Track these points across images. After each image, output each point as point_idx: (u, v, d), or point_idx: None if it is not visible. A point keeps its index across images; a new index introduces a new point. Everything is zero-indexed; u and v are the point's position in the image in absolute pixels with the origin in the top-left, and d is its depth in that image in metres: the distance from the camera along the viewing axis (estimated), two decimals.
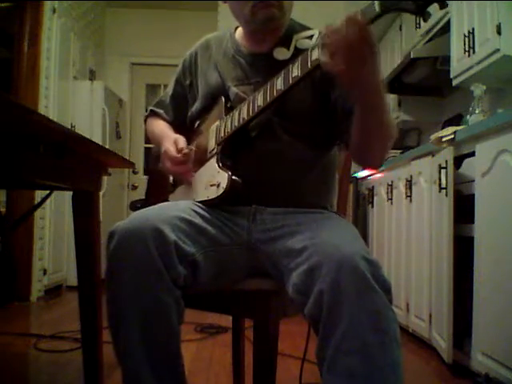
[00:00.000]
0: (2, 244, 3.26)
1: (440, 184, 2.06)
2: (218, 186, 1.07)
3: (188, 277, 0.95)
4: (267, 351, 1.02)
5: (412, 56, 3.03)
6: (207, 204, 1.09)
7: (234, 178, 1.06)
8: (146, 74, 5.26)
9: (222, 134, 1.13)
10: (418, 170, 2.44)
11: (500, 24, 2.20)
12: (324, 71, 0.88)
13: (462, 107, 3.04)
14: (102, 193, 3.13)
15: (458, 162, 2.05)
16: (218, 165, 1.10)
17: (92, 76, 4.59)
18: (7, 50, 3.78)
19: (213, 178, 1.10)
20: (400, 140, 4.20)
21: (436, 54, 3.04)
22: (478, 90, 2.42)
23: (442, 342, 2.01)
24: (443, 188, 2.02)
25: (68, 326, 2.47)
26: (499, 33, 2.21)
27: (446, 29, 2.83)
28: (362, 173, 3.37)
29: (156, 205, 1.04)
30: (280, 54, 1.14)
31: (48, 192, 1.79)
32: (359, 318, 0.81)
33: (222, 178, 1.07)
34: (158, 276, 0.91)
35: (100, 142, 3.78)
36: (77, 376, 1.71)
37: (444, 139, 2.08)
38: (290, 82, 0.98)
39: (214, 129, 1.17)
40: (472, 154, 1.91)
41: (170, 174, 1.31)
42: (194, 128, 1.27)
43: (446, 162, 2.01)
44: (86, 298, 1.54)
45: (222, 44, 1.25)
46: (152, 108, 1.40)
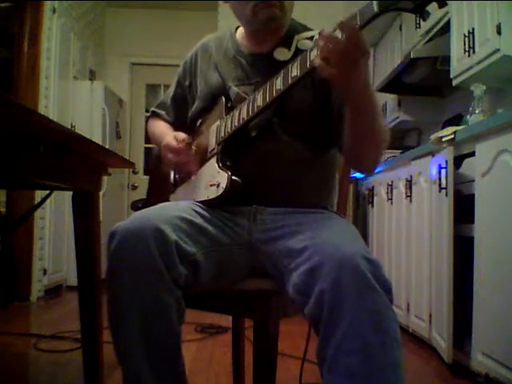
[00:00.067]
0: (2, 244, 3.26)
1: (440, 184, 2.06)
2: (218, 185, 1.07)
3: (189, 277, 0.95)
4: (267, 351, 1.02)
5: (412, 56, 3.03)
6: (207, 204, 1.09)
7: (233, 178, 1.06)
8: (146, 74, 5.26)
9: (223, 134, 1.13)
10: (418, 170, 2.44)
11: (500, 24, 2.20)
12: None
13: (462, 107, 3.04)
14: (101, 193, 3.13)
15: (458, 162, 2.05)
16: (218, 165, 1.10)
17: (92, 76, 4.59)
18: (7, 50, 3.77)
19: (213, 178, 1.10)
20: (400, 140, 4.20)
21: (436, 54, 3.04)
22: (477, 89, 2.42)
23: (442, 342, 2.01)
24: (443, 188, 2.02)
25: (68, 325, 2.47)
26: (499, 33, 2.21)
27: (446, 29, 2.82)
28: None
29: (157, 205, 1.04)
30: (281, 54, 1.14)
31: (48, 192, 1.79)
32: (360, 318, 0.81)
33: (222, 178, 1.07)
34: (158, 276, 0.90)
35: (100, 142, 3.78)
36: (77, 376, 1.71)
37: (444, 139, 2.08)
38: (290, 81, 0.98)
39: (215, 129, 1.17)
40: (472, 154, 1.91)
41: (172, 167, 1.31)
42: (195, 128, 1.27)
43: (446, 162, 2.01)
44: (86, 298, 1.54)
45: (222, 44, 1.26)
46: (153, 109, 1.42)
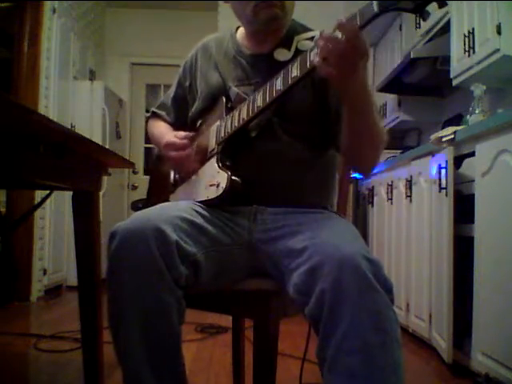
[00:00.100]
0: (2, 244, 3.26)
1: (440, 184, 2.06)
2: (218, 186, 1.07)
3: (189, 277, 0.95)
4: (267, 351, 1.02)
5: (412, 56, 3.03)
6: (207, 204, 1.09)
7: (233, 178, 1.06)
8: (146, 74, 5.26)
9: (223, 134, 1.13)
10: (418, 170, 2.44)
11: (500, 24, 2.20)
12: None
13: (462, 107, 3.04)
14: (101, 193, 3.13)
15: (458, 162, 2.05)
16: (218, 165, 1.10)
17: (92, 76, 4.59)
18: (7, 50, 3.77)
19: (213, 178, 1.10)
20: (400, 140, 4.20)
21: (436, 54, 3.04)
22: (477, 90, 2.42)
23: (442, 342, 2.01)
24: (443, 188, 2.02)
25: (68, 325, 2.47)
26: (499, 33, 2.21)
27: (446, 29, 2.82)
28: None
29: (157, 205, 1.04)
30: (281, 54, 1.14)
31: (48, 192, 1.79)
32: (360, 318, 0.81)
33: (222, 178, 1.07)
34: (159, 276, 0.90)
35: (100, 142, 3.78)
36: (77, 376, 1.71)
37: (444, 139, 2.08)
38: (290, 82, 0.98)
39: (215, 129, 1.17)
40: (472, 154, 1.91)
41: (174, 166, 1.31)
42: (195, 128, 1.27)
43: (446, 162, 2.01)
44: (86, 298, 1.54)
45: (222, 45, 1.26)
46: (154, 110, 1.41)
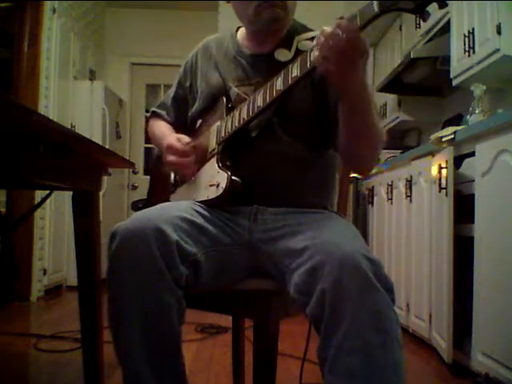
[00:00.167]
0: (2, 244, 3.26)
1: (440, 184, 2.06)
2: (218, 186, 1.07)
3: (189, 277, 0.95)
4: (267, 351, 1.02)
5: (412, 56, 3.03)
6: (207, 204, 1.09)
7: (233, 178, 1.06)
8: (146, 74, 5.26)
9: (223, 134, 1.13)
10: (418, 170, 2.44)
11: (500, 24, 2.20)
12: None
13: (462, 107, 3.04)
14: (101, 193, 3.13)
15: (458, 162, 2.05)
16: (218, 165, 1.10)
17: (92, 76, 4.59)
18: (7, 50, 3.77)
19: (213, 178, 1.10)
20: (400, 140, 4.20)
21: (436, 54, 3.04)
22: (477, 90, 2.42)
23: (442, 342, 2.01)
24: (443, 188, 2.02)
25: (68, 325, 2.47)
26: (499, 33, 2.21)
27: (446, 29, 2.83)
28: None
29: (157, 205, 1.04)
30: (281, 55, 1.14)
31: (48, 192, 1.79)
32: (361, 318, 0.81)
33: (222, 178, 1.07)
34: (159, 276, 0.91)
35: (100, 142, 3.78)
36: (77, 376, 1.71)
37: (444, 139, 2.08)
38: (290, 82, 0.98)
39: (215, 129, 1.17)
40: (472, 154, 1.91)
41: (173, 169, 1.31)
42: (196, 128, 1.27)
43: (446, 161, 2.01)
44: (86, 298, 1.54)
45: (222, 45, 1.26)
46: (154, 109, 1.41)
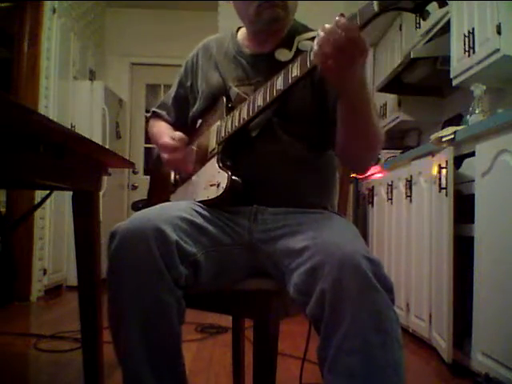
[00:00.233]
0: (2, 244, 3.26)
1: (440, 184, 2.06)
2: (218, 185, 1.07)
3: (189, 277, 0.95)
4: (267, 351, 1.02)
5: (412, 56, 3.03)
6: (207, 204, 1.09)
7: (233, 178, 1.06)
8: (146, 74, 5.26)
9: (223, 134, 1.13)
10: (418, 170, 2.44)
11: (500, 24, 2.20)
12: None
13: (462, 107, 3.04)
14: (101, 193, 3.13)
15: (458, 162, 2.05)
16: (219, 165, 1.10)
17: (92, 76, 4.59)
18: (7, 49, 3.77)
19: (213, 178, 1.10)
20: (400, 140, 4.20)
21: (436, 54, 3.04)
22: (477, 90, 2.42)
23: (442, 342, 2.01)
24: (443, 188, 2.02)
25: (68, 325, 2.47)
26: (499, 33, 2.21)
27: (446, 29, 2.82)
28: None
29: (157, 205, 1.04)
30: (282, 55, 1.14)
31: (48, 192, 1.79)
32: (361, 318, 0.81)
33: (222, 177, 1.07)
34: (159, 276, 0.91)
35: (100, 142, 3.78)
36: (77, 376, 1.71)
37: (444, 139, 2.08)
38: (290, 81, 0.98)
39: (215, 129, 1.17)
40: (472, 154, 1.91)
41: (172, 168, 1.31)
42: (196, 128, 1.27)
43: (446, 162, 2.01)
44: (86, 298, 1.54)
45: (223, 45, 1.26)
46: (154, 109, 1.41)
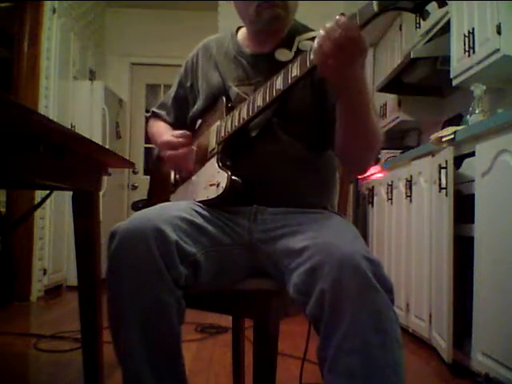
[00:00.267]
0: (2, 244, 3.26)
1: (440, 184, 2.06)
2: (218, 185, 1.07)
3: (189, 277, 0.95)
4: (267, 351, 1.02)
5: (412, 56, 3.03)
6: (207, 204, 1.09)
7: (233, 178, 1.06)
8: (146, 74, 5.26)
9: (223, 134, 1.13)
10: (418, 170, 2.44)
11: (500, 24, 2.20)
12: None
13: (462, 107, 3.04)
14: (101, 193, 3.13)
15: (458, 162, 2.05)
16: (218, 165, 1.10)
17: (92, 76, 4.59)
18: (7, 49, 3.77)
19: (213, 178, 1.10)
20: (400, 140, 4.21)
21: (436, 54, 3.04)
22: (477, 90, 2.42)
23: (442, 342, 2.01)
24: (443, 188, 2.02)
25: (68, 325, 2.47)
26: (499, 33, 2.21)
27: (446, 29, 2.82)
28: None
29: (157, 205, 1.04)
30: (282, 55, 1.14)
31: (48, 192, 1.79)
32: (360, 318, 0.81)
33: (222, 177, 1.07)
34: (159, 276, 0.91)
35: (100, 142, 3.78)
36: (77, 376, 1.71)
37: (444, 139, 2.08)
38: (289, 81, 0.98)
39: (215, 129, 1.17)
40: (472, 154, 1.91)
41: (172, 166, 1.31)
42: (196, 128, 1.27)
43: (446, 162, 2.01)
44: (86, 298, 1.54)
45: (223, 45, 1.26)
46: (154, 110, 1.41)
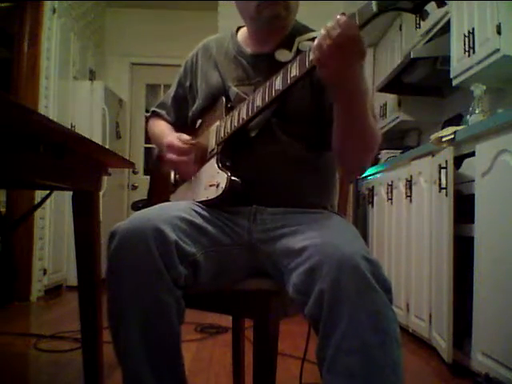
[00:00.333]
0: (2, 244, 3.26)
1: (440, 184, 2.06)
2: (218, 186, 1.07)
3: (189, 277, 0.95)
4: (267, 351, 1.02)
5: (412, 56, 3.03)
6: (207, 204, 1.09)
7: (233, 178, 1.06)
8: (146, 74, 5.26)
9: (222, 135, 1.13)
10: (418, 170, 2.44)
11: (500, 24, 2.20)
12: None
13: (462, 107, 3.04)
14: (101, 193, 3.13)
15: (458, 162, 2.05)
16: (218, 165, 1.10)
17: (92, 76, 4.59)
18: (7, 50, 3.77)
19: (212, 179, 1.10)
20: (400, 140, 4.21)
21: (436, 54, 3.04)
22: (477, 90, 2.42)
23: (442, 342, 2.01)
24: (443, 188, 2.02)
25: (68, 325, 2.47)
26: (499, 33, 2.21)
27: (446, 29, 2.83)
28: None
29: (157, 205, 1.04)
30: (282, 55, 1.14)
31: (48, 192, 1.79)
32: (359, 318, 0.81)
33: (222, 178, 1.07)
34: (158, 276, 0.91)
35: (100, 142, 3.78)
36: (77, 376, 1.71)
37: (444, 139, 2.08)
38: (289, 81, 0.98)
39: (215, 129, 1.17)
40: (472, 154, 1.91)
41: (174, 168, 1.31)
42: (195, 128, 1.27)
43: (446, 162, 2.01)
44: (86, 298, 1.54)
45: (223, 45, 1.26)
46: (154, 109, 1.41)
